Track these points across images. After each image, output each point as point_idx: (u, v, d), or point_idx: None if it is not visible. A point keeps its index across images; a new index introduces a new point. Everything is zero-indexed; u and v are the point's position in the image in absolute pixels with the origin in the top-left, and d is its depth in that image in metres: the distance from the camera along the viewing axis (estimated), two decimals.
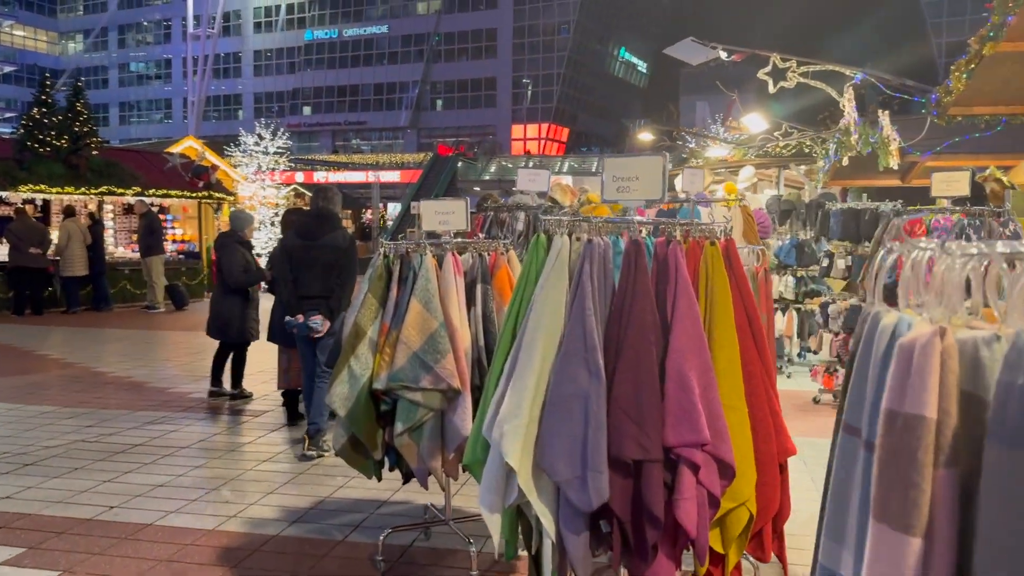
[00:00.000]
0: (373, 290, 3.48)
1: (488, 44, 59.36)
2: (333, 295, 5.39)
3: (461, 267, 3.49)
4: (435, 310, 3.33)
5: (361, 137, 63.10)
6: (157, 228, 14.32)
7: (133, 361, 9.17)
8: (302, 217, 5.87)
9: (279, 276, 5.55)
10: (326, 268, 5.39)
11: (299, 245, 5.43)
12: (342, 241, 5.49)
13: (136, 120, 67.61)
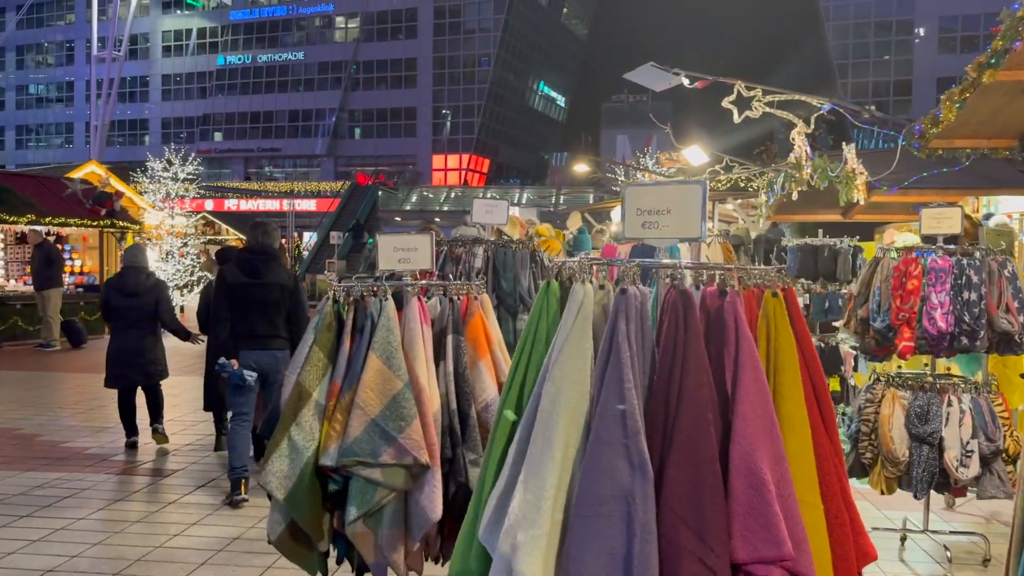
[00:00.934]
0: (320, 342, 2.89)
1: (408, 74, 58.94)
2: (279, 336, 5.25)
3: (428, 314, 2.94)
4: (398, 367, 2.76)
5: (275, 164, 61.53)
6: (56, 258, 13.19)
7: (23, 409, 8.15)
8: (243, 253, 5.46)
9: (215, 315, 5.27)
10: (271, 307, 5.21)
11: (242, 283, 5.18)
12: (287, 279, 5.32)
13: (35, 144, 64.19)
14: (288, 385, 2.91)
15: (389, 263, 3.10)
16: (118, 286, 6.58)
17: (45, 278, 12.68)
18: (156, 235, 18.09)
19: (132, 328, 6.50)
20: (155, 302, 6.55)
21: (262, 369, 5.20)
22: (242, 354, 5.16)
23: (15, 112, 65.23)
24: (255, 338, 5.19)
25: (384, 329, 2.80)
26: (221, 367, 5.13)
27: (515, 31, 59.55)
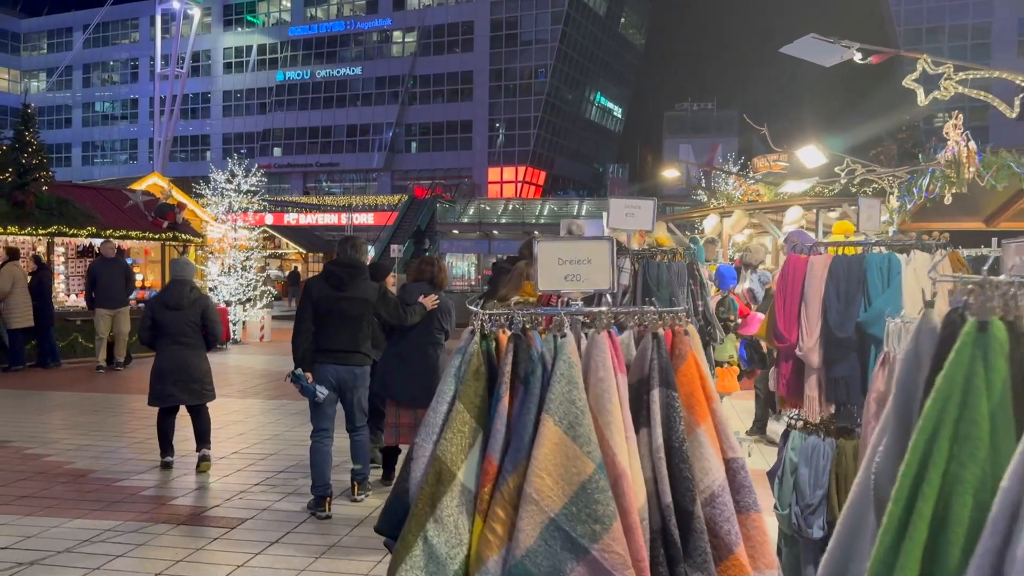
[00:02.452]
0: (465, 397, 1.99)
1: (464, 87, 58.62)
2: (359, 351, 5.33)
3: (622, 357, 2.02)
4: (586, 440, 1.85)
5: (332, 179, 61.76)
6: (130, 276, 12.69)
7: (78, 437, 7.48)
8: (330, 266, 5.52)
9: (298, 326, 5.31)
10: (354, 322, 5.30)
11: (327, 296, 5.27)
12: (372, 293, 5.38)
13: (100, 161, 65.60)
14: (420, 458, 2.01)
15: (552, 281, 2.20)
16: (162, 299, 6.47)
17: (94, 295, 12.05)
18: (219, 248, 17.60)
19: (176, 343, 6.34)
20: (200, 316, 6.41)
21: (340, 385, 5.27)
22: (320, 368, 5.22)
23: (82, 129, 66.85)
24: (335, 352, 5.24)
25: (564, 381, 1.89)
26: (296, 379, 5.17)
27: (572, 42, 58.81)
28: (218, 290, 17.25)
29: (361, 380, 5.44)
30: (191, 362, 6.36)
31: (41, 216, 12.36)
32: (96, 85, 67.10)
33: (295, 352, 5.31)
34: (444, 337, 6.04)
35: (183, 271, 6.58)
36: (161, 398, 6.37)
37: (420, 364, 5.83)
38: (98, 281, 11.98)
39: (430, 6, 59.01)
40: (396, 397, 5.91)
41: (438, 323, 5.94)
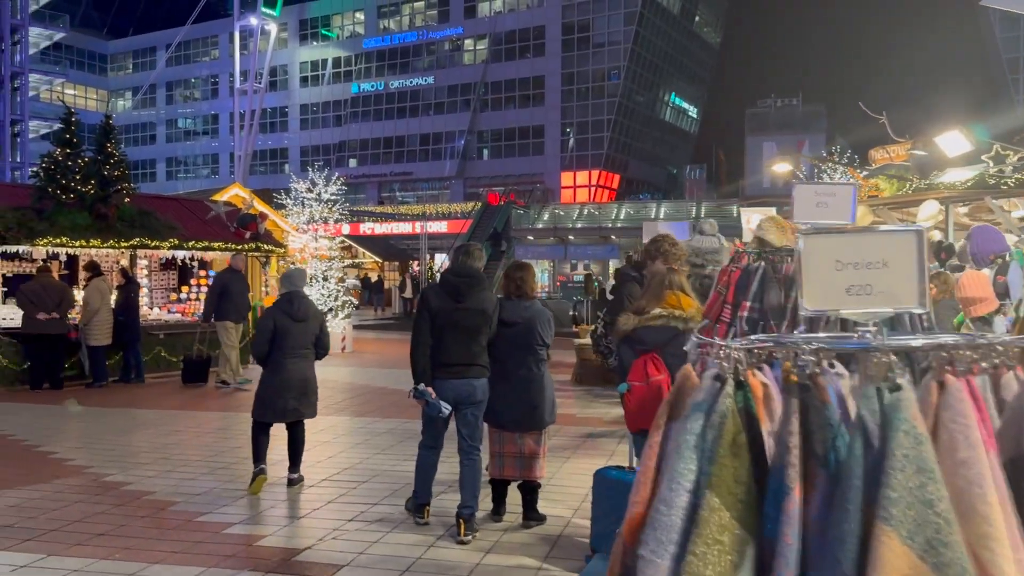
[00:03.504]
0: (722, 487, 1.24)
1: (536, 92, 58.10)
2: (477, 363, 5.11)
3: (988, 421, 1.23)
4: (960, 571, 1.07)
5: (407, 188, 62.07)
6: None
7: (160, 461, 7.03)
8: (447, 276, 5.29)
9: (415, 339, 5.10)
10: (472, 333, 5.09)
11: (446, 307, 5.07)
12: (489, 305, 5.19)
13: (183, 175, 67.52)
14: None
15: (827, 296, 1.43)
16: (287, 311, 6.17)
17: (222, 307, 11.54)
18: (300, 258, 17.34)
19: (296, 355, 6.15)
20: (319, 328, 6.28)
21: (458, 400, 5.09)
22: (438, 383, 5.04)
23: (165, 145, 68.96)
24: (452, 366, 5.05)
25: (910, 467, 1.12)
26: (420, 394, 5.01)
27: (646, 42, 57.67)
28: None
29: (480, 395, 5.18)
30: (309, 375, 6.24)
31: (123, 228, 12.18)
32: (179, 102, 69.15)
33: (414, 367, 5.10)
34: (546, 352, 5.37)
35: (300, 282, 6.40)
36: (283, 413, 6.15)
37: (524, 384, 5.22)
38: (229, 293, 11.55)
39: (501, 12, 58.78)
40: (499, 422, 5.31)
41: (538, 336, 5.28)
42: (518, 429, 5.28)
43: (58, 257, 12.28)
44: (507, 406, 5.21)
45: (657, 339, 3.82)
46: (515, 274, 5.41)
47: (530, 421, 5.27)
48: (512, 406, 5.20)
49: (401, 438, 7.96)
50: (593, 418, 9.28)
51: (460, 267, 5.24)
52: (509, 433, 5.30)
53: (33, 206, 11.42)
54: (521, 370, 5.22)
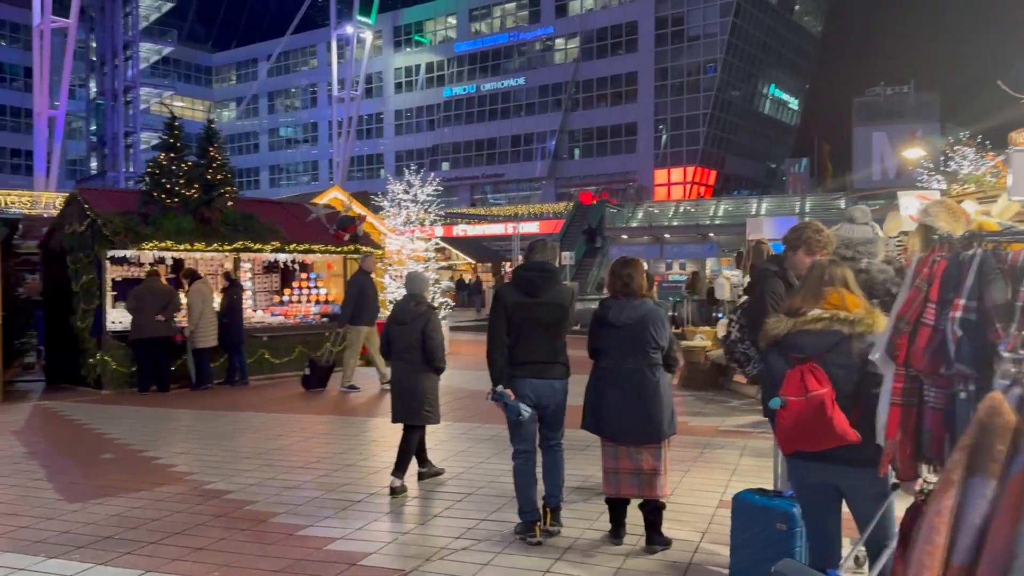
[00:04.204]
0: None
1: (628, 89, 57.07)
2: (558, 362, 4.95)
3: None
4: None
5: (498, 189, 62.11)
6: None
7: (263, 468, 6.85)
8: (521, 271, 5.05)
9: (492, 339, 4.94)
10: (550, 330, 4.92)
11: (520, 303, 4.90)
12: (566, 298, 5.00)
13: (285, 182, 69.56)
14: None
15: None
16: (394, 314, 6.33)
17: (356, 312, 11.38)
18: (397, 260, 17.26)
19: (400, 359, 6.22)
20: (421, 331, 6.11)
21: (540, 400, 4.90)
22: (519, 383, 4.86)
23: (268, 153, 71.26)
24: (532, 365, 4.87)
25: None
26: (499, 396, 4.85)
27: (743, 34, 55.82)
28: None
29: (561, 394, 5.01)
30: (412, 380, 6.16)
31: (227, 232, 12.28)
32: (280, 111, 71.33)
33: (492, 367, 4.92)
34: (660, 355, 4.82)
35: (411, 284, 6.40)
36: (393, 414, 6.32)
37: (637, 391, 4.72)
38: (365, 296, 11.42)
39: (593, 10, 58.05)
40: (611, 435, 4.80)
41: (651, 338, 4.73)
42: (633, 442, 4.77)
43: (164, 261, 12.48)
44: (620, 416, 4.74)
45: (818, 345, 3.25)
46: (622, 270, 4.88)
47: (646, 433, 4.75)
48: (625, 416, 4.73)
49: (504, 445, 7.51)
50: (707, 427, 8.66)
51: (533, 261, 5.04)
52: (624, 447, 4.80)
53: (139, 211, 11.63)
54: (634, 376, 4.72)
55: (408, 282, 6.45)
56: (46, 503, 5.73)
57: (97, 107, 56.86)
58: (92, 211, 11.43)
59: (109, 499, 5.85)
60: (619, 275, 4.87)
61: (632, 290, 4.83)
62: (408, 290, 6.38)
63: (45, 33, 40.94)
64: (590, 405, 4.89)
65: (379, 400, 10.84)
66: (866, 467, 3.15)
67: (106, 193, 13.22)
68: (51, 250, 12.53)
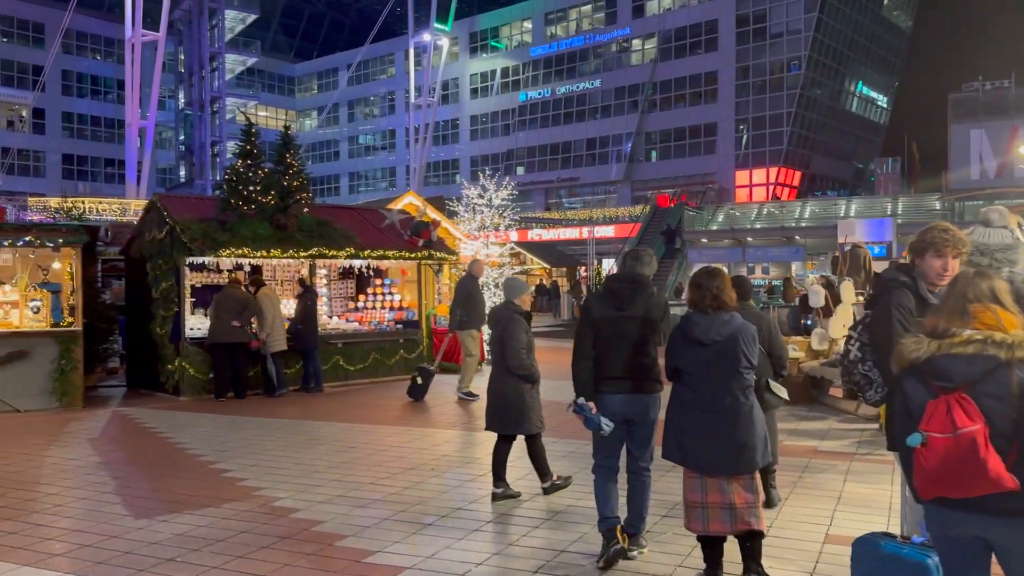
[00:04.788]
0: None
1: (708, 88, 55.76)
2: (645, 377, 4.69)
3: None
4: None
5: (573, 193, 61.62)
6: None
7: (332, 484, 6.58)
8: (610, 282, 4.87)
9: (578, 350, 4.75)
10: (636, 344, 4.69)
11: (610, 316, 4.71)
12: (656, 311, 4.73)
13: (364, 189, 70.66)
14: None
15: None
16: (489, 319, 6.40)
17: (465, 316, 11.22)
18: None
19: (496, 366, 6.15)
20: (500, 339, 6.08)
21: (627, 416, 4.69)
22: (604, 398, 4.67)
23: (347, 160, 72.55)
24: (619, 380, 4.66)
25: None
26: (580, 409, 4.65)
27: (829, 30, 53.86)
28: None
29: (652, 411, 4.76)
30: (504, 388, 6.07)
31: (302, 238, 12.21)
32: (359, 119, 72.55)
33: (576, 379, 4.74)
34: (752, 376, 4.32)
35: (509, 290, 6.31)
36: (486, 423, 6.28)
37: (728, 417, 4.25)
38: (472, 301, 11.30)
39: (671, 9, 57.01)
40: (698, 465, 4.31)
41: (743, 357, 4.24)
42: (722, 473, 4.27)
43: (242, 267, 12.49)
44: (707, 445, 4.28)
45: (968, 373, 2.70)
46: (707, 283, 4.38)
47: (738, 463, 4.25)
48: (713, 445, 4.26)
49: (584, 462, 7.10)
50: (804, 447, 8.01)
51: (624, 272, 4.84)
52: (712, 479, 4.30)
53: (217, 217, 11.65)
54: (725, 400, 4.25)
55: (505, 288, 6.36)
56: (111, 519, 5.58)
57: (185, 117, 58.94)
58: (171, 218, 11.50)
59: (175, 516, 5.66)
60: (705, 288, 4.38)
61: (723, 303, 4.35)
62: (505, 296, 6.30)
63: (136, 46, 42.53)
64: (672, 432, 4.41)
65: (453, 410, 10.53)
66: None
67: (184, 200, 13.34)
68: (132, 257, 12.69)
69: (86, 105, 60.89)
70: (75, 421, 9.70)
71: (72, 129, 60.30)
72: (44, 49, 53.82)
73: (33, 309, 10.67)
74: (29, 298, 10.68)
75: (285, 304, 12.92)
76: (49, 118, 58.75)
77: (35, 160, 58.31)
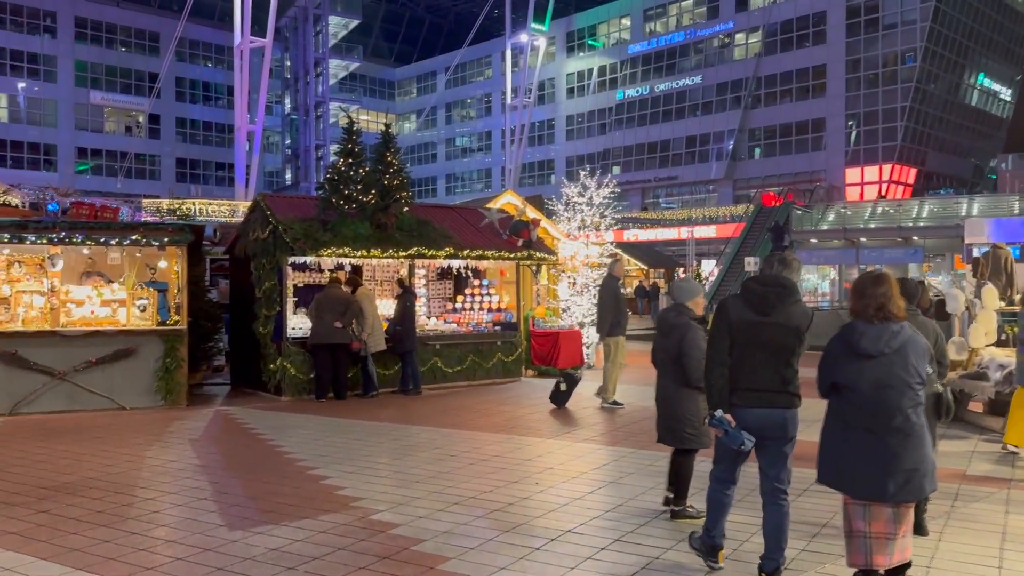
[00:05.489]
0: None
1: (816, 82, 53.43)
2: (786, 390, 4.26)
3: None
4: None
5: (671, 193, 60.27)
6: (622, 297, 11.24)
7: (432, 497, 6.21)
8: (753, 285, 4.43)
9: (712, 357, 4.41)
10: (778, 353, 4.26)
11: (749, 321, 4.31)
12: (801, 319, 4.31)
13: (460, 190, 71.19)
14: None
15: None
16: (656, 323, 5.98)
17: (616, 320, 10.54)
18: (571, 267, 16.51)
19: (661, 374, 5.75)
20: (677, 346, 5.53)
21: (762, 431, 4.30)
22: (739, 411, 4.32)
23: (444, 162, 73.27)
24: (757, 392, 4.30)
25: None
26: (718, 422, 4.33)
27: (946, 19, 50.73)
28: (571, 311, 16.15)
29: (791, 428, 4.33)
30: (670, 396, 5.66)
31: (402, 238, 11.99)
32: (456, 122, 73.17)
33: (710, 389, 4.40)
34: (923, 391, 3.79)
35: (679, 293, 5.82)
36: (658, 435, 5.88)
37: (899, 437, 3.83)
38: (620, 304, 10.66)
39: (776, 2, 54.94)
40: (867, 491, 3.83)
41: (914, 371, 3.78)
42: (890, 500, 3.78)
43: (344, 267, 12.39)
44: (872, 469, 3.85)
45: None
46: (874, 290, 3.92)
47: (907, 490, 3.80)
48: (883, 469, 3.84)
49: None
50: (951, 471, 7.15)
51: (769, 275, 4.44)
52: (878, 506, 3.80)
53: (318, 217, 11.56)
54: (894, 419, 3.82)
55: (675, 290, 5.90)
56: (206, 529, 5.36)
57: (291, 122, 60.77)
58: (274, 217, 11.48)
59: (271, 528, 5.39)
60: (871, 295, 3.92)
61: (890, 313, 3.84)
62: (675, 299, 5.82)
63: (244, 53, 43.95)
64: (831, 454, 3.95)
65: (553, 418, 10.06)
66: None
67: (287, 199, 13.36)
68: (236, 256, 12.77)
69: (198, 111, 63.57)
70: (178, 420, 9.73)
71: (185, 134, 63.05)
72: (159, 57, 56.45)
73: (140, 307, 10.81)
74: (136, 296, 10.83)
75: (383, 304, 12.77)
76: (164, 123, 61.59)
77: (150, 164, 61.25)
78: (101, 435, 8.70)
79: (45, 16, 56.73)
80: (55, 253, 10.39)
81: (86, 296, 10.73)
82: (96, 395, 10.26)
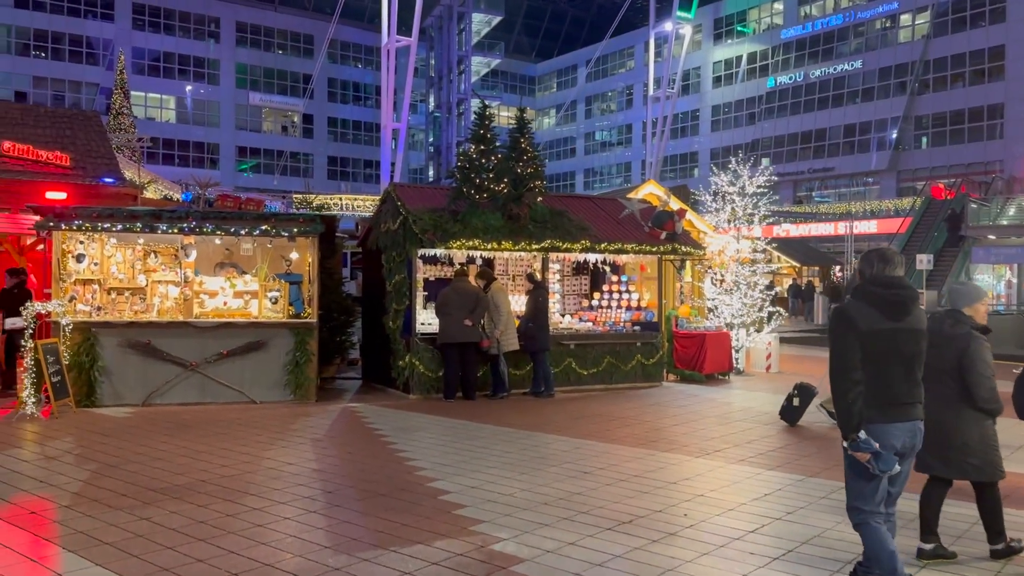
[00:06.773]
0: None
1: (992, 65, 48.53)
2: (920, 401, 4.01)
3: None
4: None
5: (825, 185, 56.61)
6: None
7: (564, 523, 5.40)
8: (881, 289, 3.94)
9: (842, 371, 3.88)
10: (911, 361, 3.98)
11: (884, 329, 3.91)
12: (924, 321, 4.10)
13: (598, 185, 70.08)
14: None
15: None
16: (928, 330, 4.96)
17: None
18: (719, 262, 15.25)
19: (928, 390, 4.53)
20: (957, 359, 4.73)
21: (903, 449, 3.95)
22: (882, 428, 3.88)
23: (583, 157, 72.33)
24: (899, 406, 3.93)
25: None
26: (864, 446, 3.82)
27: None
28: (718, 310, 14.89)
29: (920, 440, 4.09)
30: (942, 418, 4.73)
31: (535, 229, 11.25)
32: (596, 116, 72.07)
33: (848, 409, 3.88)
34: None
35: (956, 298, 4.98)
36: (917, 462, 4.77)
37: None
38: None
39: None
40: None
41: None
42: None
43: (475, 260, 11.80)
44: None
45: None
46: None
47: None
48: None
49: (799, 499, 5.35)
50: None
51: (886, 276, 4.03)
52: None
53: (449, 208, 11.00)
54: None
55: (952, 295, 5.12)
56: (309, 551, 4.78)
57: (434, 119, 61.71)
58: (404, 208, 11.03)
59: (377, 554, 4.74)
60: None
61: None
62: (951, 304, 5.04)
63: (391, 52, 44.75)
64: None
65: (714, 434, 8.99)
66: None
67: (419, 189, 12.91)
68: (369, 249, 12.46)
69: (348, 110, 65.81)
70: (304, 417, 9.41)
71: (336, 133, 65.44)
72: (312, 59, 58.73)
73: (272, 299, 10.63)
74: (268, 288, 10.66)
75: (513, 300, 12.08)
76: (316, 123, 64.17)
77: (304, 162, 63.97)
78: (225, 430, 8.47)
79: (209, 22, 60.35)
80: (188, 243, 10.36)
81: (219, 287, 10.67)
82: (227, 388, 10.15)
